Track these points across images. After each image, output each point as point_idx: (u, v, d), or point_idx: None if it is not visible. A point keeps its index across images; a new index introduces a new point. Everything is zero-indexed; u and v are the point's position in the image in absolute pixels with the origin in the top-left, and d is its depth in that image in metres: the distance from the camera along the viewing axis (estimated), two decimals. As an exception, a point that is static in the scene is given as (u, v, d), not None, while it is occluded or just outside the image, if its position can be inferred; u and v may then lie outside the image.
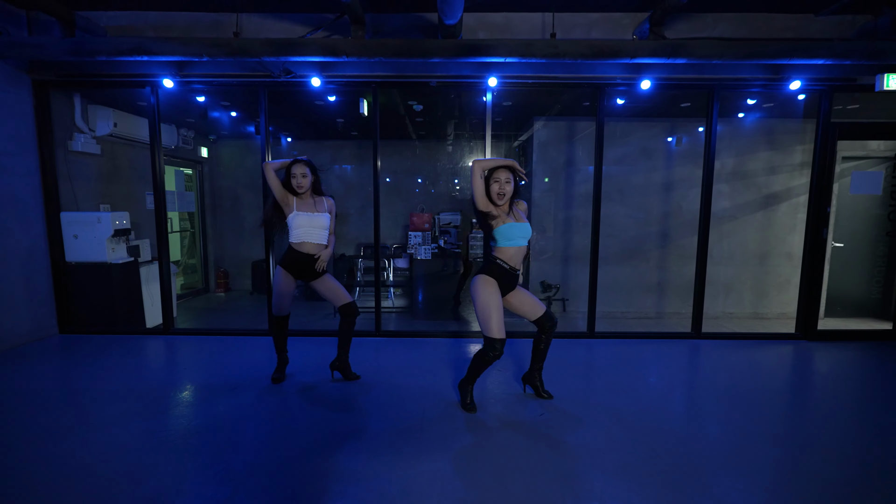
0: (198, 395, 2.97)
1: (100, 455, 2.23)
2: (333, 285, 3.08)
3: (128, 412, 2.70)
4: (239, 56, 3.50)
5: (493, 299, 2.59)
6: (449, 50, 3.47)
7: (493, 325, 2.56)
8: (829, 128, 4.04)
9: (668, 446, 2.37)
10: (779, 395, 3.08)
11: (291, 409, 2.77)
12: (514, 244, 2.61)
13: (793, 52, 3.45)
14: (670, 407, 2.87)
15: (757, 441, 2.44)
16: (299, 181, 2.92)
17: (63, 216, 4.19)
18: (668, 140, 5.49)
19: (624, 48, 3.46)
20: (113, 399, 2.88)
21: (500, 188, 2.59)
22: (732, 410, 2.81)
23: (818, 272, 4.21)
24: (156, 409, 2.75)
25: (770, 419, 2.71)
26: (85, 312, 4.31)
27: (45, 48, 3.50)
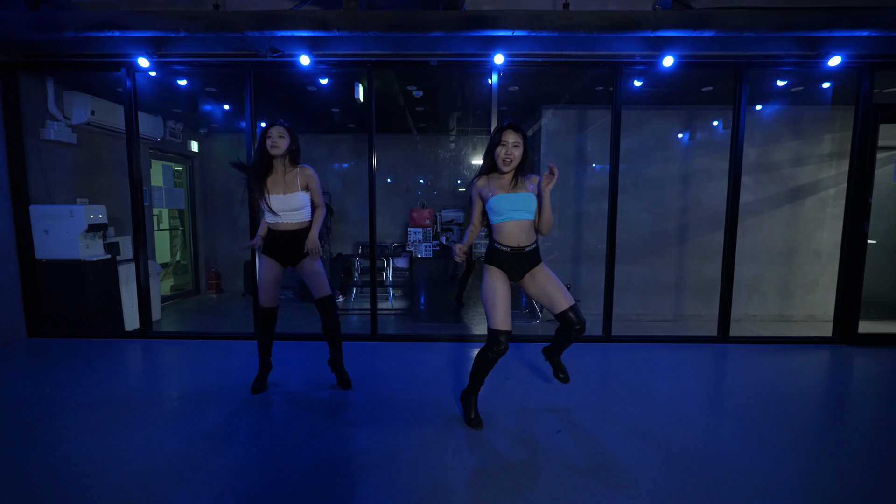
0: (168, 407, 2.62)
1: (46, 477, 1.88)
2: (316, 271, 2.73)
3: (90, 426, 2.35)
4: (219, 31, 3.17)
5: (497, 288, 2.26)
6: (451, 22, 3.13)
7: (497, 315, 2.23)
8: (871, 110, 3.67)
9: (712, 473, 1.99)
10: (828, 409, 2.70)
11: (271, 425, 2.41)
12: (507, 218, 2.24)
13: (835, 22, 3.09)
14: (707, 424, 2.49)
15: (810, 466, 2.06)
16: (274, 140, 2.61)
17: (32, 209, 3.87)
18: (686, 129, 5.13)
19: (646, 19, 3.11)
20: (72, 410, 2.54)
21: (506, 152, 2.22)
22: (777, 426, 2.43)
23: (858, 270, 3.82)
24: (123, 422, 2.40)
25: (825, 439, 2.33)
26: (57, 314, 3.97)
27: (6, 22, 3.18)
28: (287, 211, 2.64)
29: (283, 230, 2.67)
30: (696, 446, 2.20)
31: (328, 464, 2.01)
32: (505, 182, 2.29)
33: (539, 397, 2.77)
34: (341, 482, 1.87)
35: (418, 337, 4.05)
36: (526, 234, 2.27)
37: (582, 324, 2.28)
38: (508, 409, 2.60)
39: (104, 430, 2.32)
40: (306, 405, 2.64)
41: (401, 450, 2.14)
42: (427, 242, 5.00)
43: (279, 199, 2.63)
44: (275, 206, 2.62)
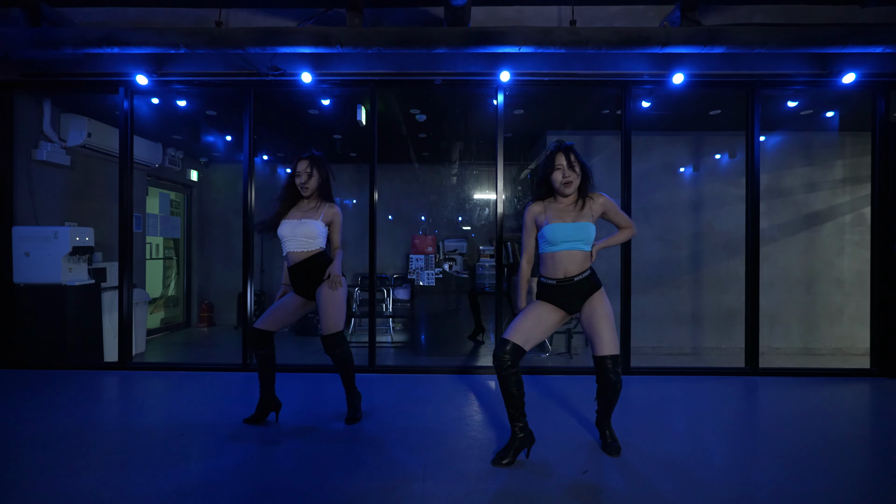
0: (135, 443, 2.29)
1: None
2: (329, 302, 2.44)
3: (41, 464, 2.02)
4: (220, 46, 3.10)
5: (534, 311, 2.10)
6: (456, 38, 3.06)
7: (513, 327, 2.06)
8: (889, 128, 3.55)
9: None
10: (878, 444, 2.37)
11: (248, 467, 2.08)
12: (558, 249, 2.05)
13: (848, 37, 3.02)
14: (747, 463, 2.16)
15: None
16: (303, 180, 2.48)
17: (15, 230, 3.68)
18: (694, 155, 5.03)
19: (655, 35, 3.04)
20: (26, 446, 2.21)
21: (563, 175, 2.05)
22: (827, 462, 2.09)
23: (892, 294, 3.57)
24: (78, 461, 2.08)
25: (877, 475, 1.99)
26: (31, 343, 3.68)
27: (5, 38, 3.12)
28: (296, 238, 2.46)
29: (295, 263, 2.48)
30: (740, 489, 1.87)
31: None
32: (564, 208, 2.10)
33: (563, 441, 2.44)
34: None
35: (418, 369, 3.73)
36: (577, 264, 2.07)
37: (618, 379, 2.04)
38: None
39: (57, 467, 2.00)
40: (289, 447, 2.31)
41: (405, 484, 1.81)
42: (429, 270, 4.77)
43: (291, 224, 2.46)
44: (283, 231, 2.46)
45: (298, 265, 2.47)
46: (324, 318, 2.44)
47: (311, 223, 2.45)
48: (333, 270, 2.44)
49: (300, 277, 2.48)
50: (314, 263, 2.46)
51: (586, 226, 2.04)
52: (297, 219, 2.48)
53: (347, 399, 2.63)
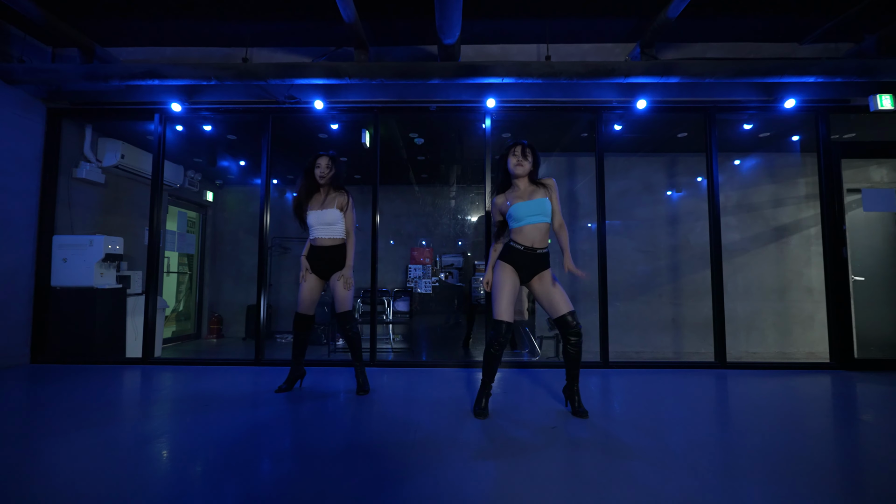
0: (186, 406, 2.63)
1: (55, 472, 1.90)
2: (340, 288, 2.97)
3: (89, 422, 2.37)
4: (246, 78, 3.63)
5: (506, 281, 2.45)
6: (448, 71, 3.59)
7: (500, 306, 2.41)
8: (830, 147, 4.02)
9: (702, 454, 1.99)
10: (837, 427, 2.69)
11: (283, 418, 2.42)
12: (525, 223, 2.46)
13: (784, 69, 3.54)
14: (702, 425, 2.48)
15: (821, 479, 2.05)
16: (322, 171, 2.97)
17: (55, 239, 4.11)
18: (669, 174, 5.51)
19: (618, 67, 3.56)
20: (63, 415, 2.55)
21: (517, 160, 2.52)
22: (786, 443, 2.42)
23: (844, 293, 3.94)
24: (115, 418, 2.42)
25: (838, 451, 2.32)
26: (63, 340, 4.04)
27: (62, 73, 3.65)
28: (321, 225, 2.95)
29: (319, 245, 2.97)
30: (690, 440, 2.20)
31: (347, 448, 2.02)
32: (521, 192, 2.53)
33: (539, 409, 2.77)
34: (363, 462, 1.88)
35: (417, 363, 4.06)
36: (541, 237, 2.49)
37: (578, 328, 2.44)
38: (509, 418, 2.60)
39: (97, 425, 2.34)
40: (314, 409, 2.65)
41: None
42: (427, 279, 5.16)
43: (315, 214, 2.95)
44: (310, 220, 2.95)
45: (323, 249, 2.95)
46: (338, 299, 2.95)
47: (329, 210, 2.95)
48: (347, 272, 2.95)
49: (323, 259, 2.95)
50: (337, 252, 2.96)
51: (542, 201, 2.47)
52: (317, 209, 2.96)
53: (357, 374, 3.06)
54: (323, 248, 2.96)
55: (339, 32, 3.78)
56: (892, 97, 3.89)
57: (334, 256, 2.96)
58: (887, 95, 3.89)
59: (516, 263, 2.47)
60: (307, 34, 3.92)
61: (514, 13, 3.68)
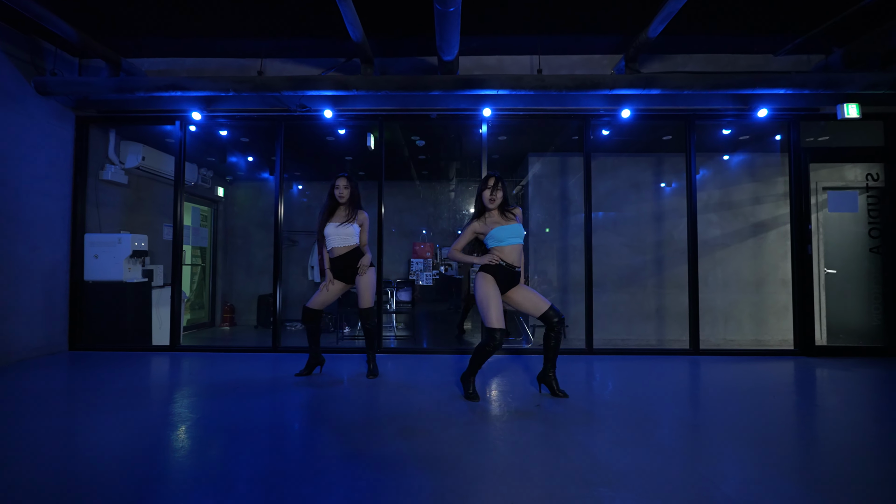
0: (217, 390, 3.04)
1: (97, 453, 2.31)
2: (365, 286, 3.35)
3: (119, 406, 2.78)
4: (261, 91, 3.96)
5: (492, 292, 2.78)
6: (447, 83, 3.91)
7: (492, 316, 2.73)
8: (800, 152, 4.37)
9: (670, 427, 2.40)
10: (780, 406, 3.10)
11: (309, 400, 2.83)
12: (507, 243, 2.83)
13: (755, 82, 3.86)
14: (671, 399, 2.89)
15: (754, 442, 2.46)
16: (341, 192, 3.36)
17: (87, 237, 4.48)
18: (655, 173, 5.85)
19: (604, 81, 3.89)
20: (111, 395, 2.97)
21: (490, 194, 2.87)
22: (747, 422, 2.83)
23: (808, 286, 4.32)
24: (149, 400, 2.83)
25: (798, 431, 2.73)
26: (96, 329, 4.45)
27: (92, 86, 3.98)
28: (339, 235, 3.34)
29: (338, 255, 3.35)
30: (654, 415, 2.61)
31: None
32: (496, 219, 2.91)
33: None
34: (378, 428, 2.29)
35: (419, 350, 4.47)
36: (518, 257, 2.88)
37: (559, 315, 2.82)
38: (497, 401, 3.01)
39: (133, 407, 2.75)
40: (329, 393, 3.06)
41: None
42: (428, 272, 5.54)
43: (334, 226, 3.34)
44: (329, 231, 3.33)
45: (340, 258, 3.33)
46: (361, 296, 3.36)
47: (348, 225, 3.34)
48: (364, 262, 3.35)
49: (341, 267, 3.34)
50: (352, 256, 3.35)
51: (518, 226, 2.88)
52: (338, 223, 3.35)
53: (369, 360, 3.48)
54: (340, 257, 3.34)
55: (346, 47, 4.09)
56: (857, 106, 4.21)
57: (351, 261, 3.34)
58: (853, 105, 4.21)
59: (497, 277, 2.83)
60: (317, 48, 4.23)
61: (508, 29, 3.98)
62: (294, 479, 1.80)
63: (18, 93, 3.92)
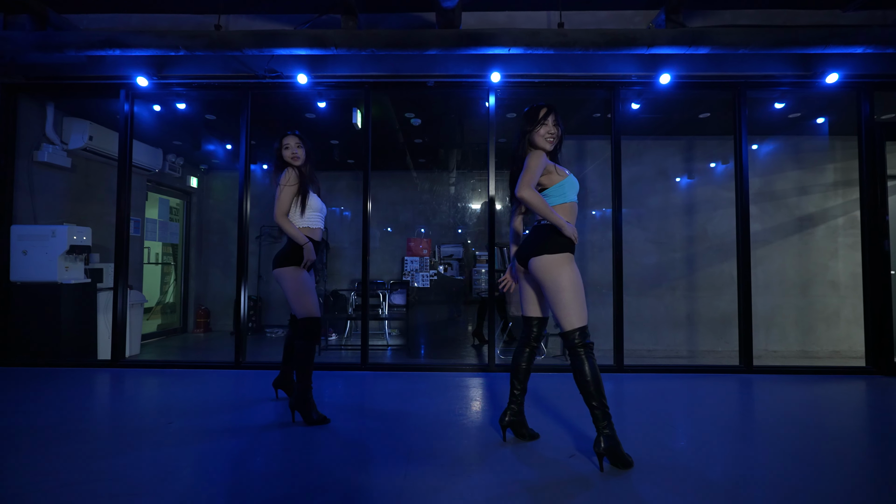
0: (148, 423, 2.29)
1: None
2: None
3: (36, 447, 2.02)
4: (219, 49, 3.20)
5: (580, 281, 1.98)
6: (447, 40, 3.16)
7: (584, 311, 1.95)
8: (874, 128, 3.62)
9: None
10: (874, 438, 2.35)
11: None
12: (572, 199, 2.09)
13: (828, 38, 3.11)
14: (739, 455, 2.14)
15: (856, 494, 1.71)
16: (294, 151, 2.56)
17: (13, 229, 3.73)
18: (686, 159, 5.10)
19: (641, 36, 3.13)
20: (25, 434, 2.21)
21: (548, 129, 2.10)
22: (824, 454, 2.08)
23: (885, 292, 3.58)
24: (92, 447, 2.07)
25: (874, 467, 1.98)
26: (26, 340, 3.69)
27: (10, 41, 3.22)
28: (320, 213, 2.59)
29: (319, 238, 2.59)
30: (730, 479, 1.86)
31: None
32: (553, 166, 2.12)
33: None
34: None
35: (411, 367, 3.72)
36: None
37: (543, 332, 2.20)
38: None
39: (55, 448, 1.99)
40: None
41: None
42: (424, 272, 4.80)
43: (318, 200, 2.58)
44: (316, 205, 2.56)
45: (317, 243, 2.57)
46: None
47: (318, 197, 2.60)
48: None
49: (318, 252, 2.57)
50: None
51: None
52: (317, 193, 2.58)
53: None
54: (317, 243, 2.58)
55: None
56: (944, 72, 3.47)
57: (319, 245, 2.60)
58: (940, 70, 3.47)
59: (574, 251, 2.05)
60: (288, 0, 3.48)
61: (522, -26, 3.24)
62: None
63: (-82, 50, 3.17)
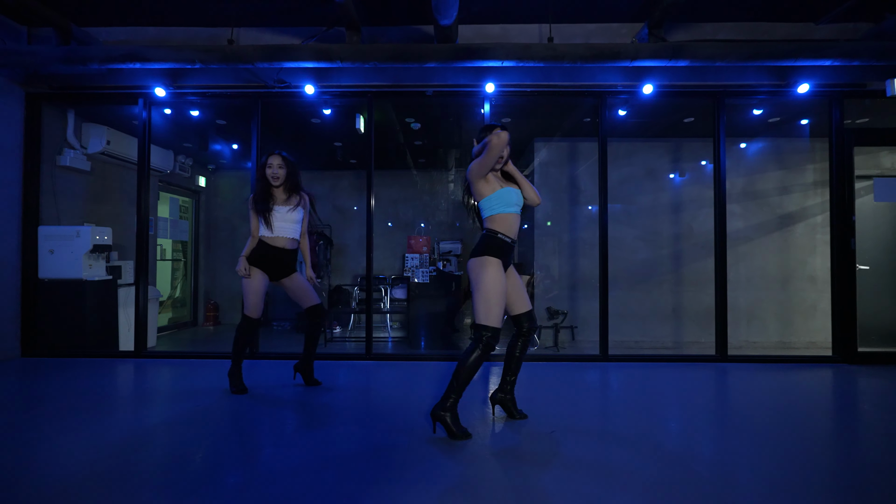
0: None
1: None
2: (305, 285, 2.93)
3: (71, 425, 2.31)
4: (232, 62, 3.44)
5: (501, 283, 2.21)
6: (445, 53, 3.40)
7: (498, 313, 2.19)
8: (844, 134, 3.87)
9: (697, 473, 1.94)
10: (838, 422, 2.64)
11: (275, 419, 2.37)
12: (512, 210, 2.29)
13: (799, 52, 3.35)
14: (706, 436, 2.43)
15: (817, 471, 2.00)
16: (274, 171, 2.84)
17: (41, 230, 3.99)
18: (673, 160, 5.35)
19: (624, 50, 3.37)
20: (56, 413, 2.50)
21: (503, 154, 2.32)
22: (788, 438, 2.37)
23: (850, 286, 3.85)
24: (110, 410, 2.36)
25: (836, 448, 2.27)
26: (53, 333, 3.98)
27: (38, 55, 3.46)
28: (287, 222, 2.84)
29: (278, 246, 2.83)
30: (696, 455, 2.14)
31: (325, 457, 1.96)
32: (499, 178, 2.37)
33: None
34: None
35: (413, 356, 4.01)
36: (518, 229, 2.36)
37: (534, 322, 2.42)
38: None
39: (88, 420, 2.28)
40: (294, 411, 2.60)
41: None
42: (424, 268, 5.07)
43: (280, 210, 2.82)
44: (277, 214, 2.81)
45: (282, 251, 2.82)
46: (308, 294, 2.94)
47: (297, 211, 2.87)
48: (311, 273, 2.98)
49: (280, 261, 2.82)
50: (294, 255, 2.89)
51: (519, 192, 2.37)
52: (281, 205, 2.84)
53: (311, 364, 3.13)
54: (282, 250, 2.83)
55: (329, 12, 3.57)
56: (910, 81, 3.71)
57: (290, 260, 2.88)
58: (905, 79, 3.71)
59: (503, 257, 2.27)
60: (296, 14, 3.70)
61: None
62: None
63: (-48, 64, 3.41)
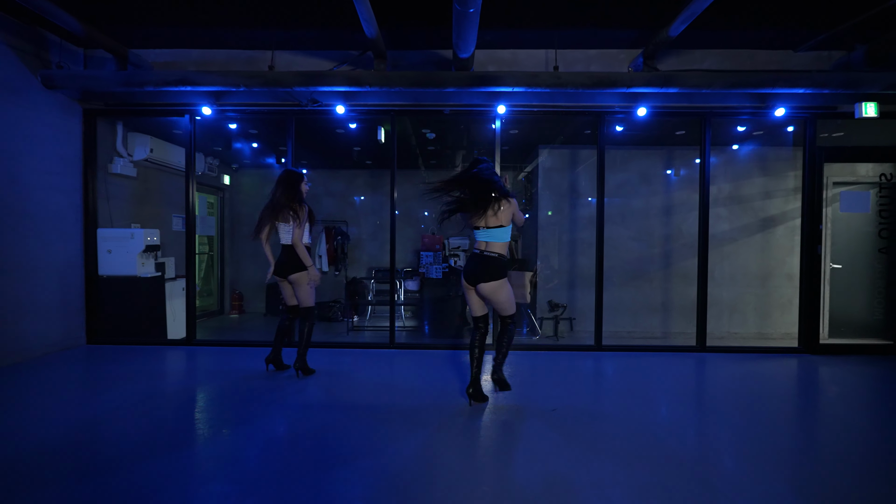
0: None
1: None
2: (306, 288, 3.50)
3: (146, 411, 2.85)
4: (272, 86, 3.88)
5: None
6: (462, 80, 3.84)
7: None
8: (816, 151, 4.33)
9: (672, 442, 2.48)
10: (795, 405, 3.19)
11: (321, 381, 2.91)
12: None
13: (775, 81, 3.80)
14: (680, 413, 2.97)
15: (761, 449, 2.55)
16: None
17: (99, 232, 4.48)
18: (666, 167, 5.81)
19: (621, 79, 3.82)
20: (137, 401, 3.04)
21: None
22: (749, 420, 2.92)
23: (815, 286, 4.37)
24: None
25: (792, 430, 2.81)
26: (111, 323, 4.51)
27: (100, 80, 3.90)
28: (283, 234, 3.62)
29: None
30: (666, 424, 2.69)
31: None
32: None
33: (536, 391, 3.26)
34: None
35: (432, 346, 4.55)
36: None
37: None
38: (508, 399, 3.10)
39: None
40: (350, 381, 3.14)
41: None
42: (437, 265, 5.57)
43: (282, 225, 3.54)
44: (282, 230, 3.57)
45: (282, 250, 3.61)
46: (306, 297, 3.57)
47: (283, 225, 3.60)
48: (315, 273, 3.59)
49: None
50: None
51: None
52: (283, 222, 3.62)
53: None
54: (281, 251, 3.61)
55: (359, 39, 3.99)
56: (876, 105, 4.16)
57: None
58: (872, 104, 4.15)
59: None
60: (329, 40, 4.12)
61: (524, 23, 3.88)
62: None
63: (24, 87, 3.84)
